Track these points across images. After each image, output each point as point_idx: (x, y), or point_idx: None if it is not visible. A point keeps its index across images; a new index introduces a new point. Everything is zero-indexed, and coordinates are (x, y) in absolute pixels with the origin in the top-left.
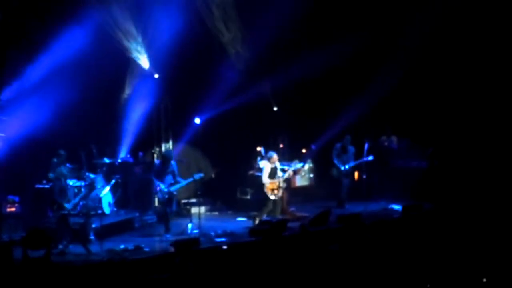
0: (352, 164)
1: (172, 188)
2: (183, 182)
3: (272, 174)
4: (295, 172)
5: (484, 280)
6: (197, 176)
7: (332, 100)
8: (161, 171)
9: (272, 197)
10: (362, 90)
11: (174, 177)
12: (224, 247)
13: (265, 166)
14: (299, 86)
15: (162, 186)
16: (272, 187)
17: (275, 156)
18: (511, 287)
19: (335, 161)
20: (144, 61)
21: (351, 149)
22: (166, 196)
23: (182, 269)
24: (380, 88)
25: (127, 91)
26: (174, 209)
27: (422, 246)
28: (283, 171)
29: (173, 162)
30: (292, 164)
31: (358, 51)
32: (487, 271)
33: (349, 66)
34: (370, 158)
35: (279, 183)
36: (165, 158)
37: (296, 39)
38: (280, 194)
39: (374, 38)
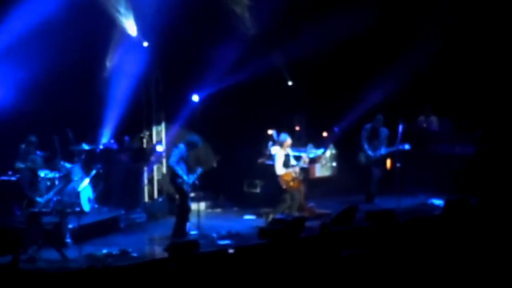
0: (383, 151)
1: (191, 181)
2: (194, 176)
3: (285, 163)
4: (313, 160)
5: None
6: (198, 171)
7: (359, 73)
8: (184, 159)
9: (290, 190)
10: (395, 60)
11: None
12: (231, 251)
13: (278, 153)
14: (319, 56)
15: (186, 177)
16: (288, 178)
17: (288, 140)
18: None
19: (364, 145)
20: (130, 26)
21: (384, 131)
22: (190, 190)
23: (178, 277)
24: (418, 58)
25: (110, 63)
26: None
27: (469, 250)
28: (297, 158)
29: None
30: (307, 149)
31: (390, 12)
32: None
33: (380, 30)
34: (407, 147)
35: (295, 173)
36: (192, 145)
37: None
38: (297, 186)
39: None
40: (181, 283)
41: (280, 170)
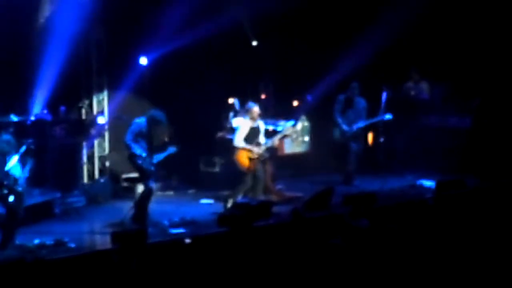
0: (361, 124)
1: (155, 160)
2: (161, 155)
3: (252, 137)
4: (285, 136)
5: None
6: (172, 149)
7: (336, 31)
8: (144, 135)
9: (246, 170)
10: (378, 15)
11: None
12: (187, 240)
13: (242, 124)
14: (289, 10)
15: (144, 154)
16: (247, 155)
17: (255, 109)
18: None
19: (338, 119)
20: None
21: (361, 102)
22: (152, 168)
23: (123, 272)
24: (404, 14)
25: (42, 19)
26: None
27: (464, 240)
28: (268, 135)
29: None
30: (279, 125)
31: None
32: None
33: None
34: (388, 116)
35: (260, 151)
36: (155, 121)
37: None
38: (259, 167)
39: None
40: (127, 279)
41: (239, 141)
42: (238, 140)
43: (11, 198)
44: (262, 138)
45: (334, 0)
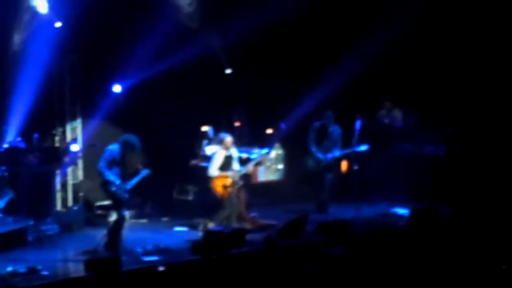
0: (336, 153)
1: (128, 186)
2: (134, 180)
3: (226, 165)
4: (258, 164)
5: None
6: (144, 172)
7: (310, 59)
8: (117, 162)
9: (223, 197)
10: (351, 44)
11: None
12: (161, 268)
13: (217, 154)
14: (262, 39)
15: (118, 181)
16: (222, 182)
17: (228, 139)
18: None
19: (312, 148)
20: (40, 1)
21: (336, 130)
22: (125, 196)
23: None
24: (377, 42)
25: (15, 47)
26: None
27: (438, 266)
28: (242, 162)
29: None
30: (253, 153)
31: None
32: None
33: (334, 8)
34: (363, 147)
35: (231, 179)
36: (129, 146)
37: None
38: (229, 195)
39: None
40: None
41: (214, 171)
42: (213, 169)
43: None
44: (236, 165)
45: (307, 29)
